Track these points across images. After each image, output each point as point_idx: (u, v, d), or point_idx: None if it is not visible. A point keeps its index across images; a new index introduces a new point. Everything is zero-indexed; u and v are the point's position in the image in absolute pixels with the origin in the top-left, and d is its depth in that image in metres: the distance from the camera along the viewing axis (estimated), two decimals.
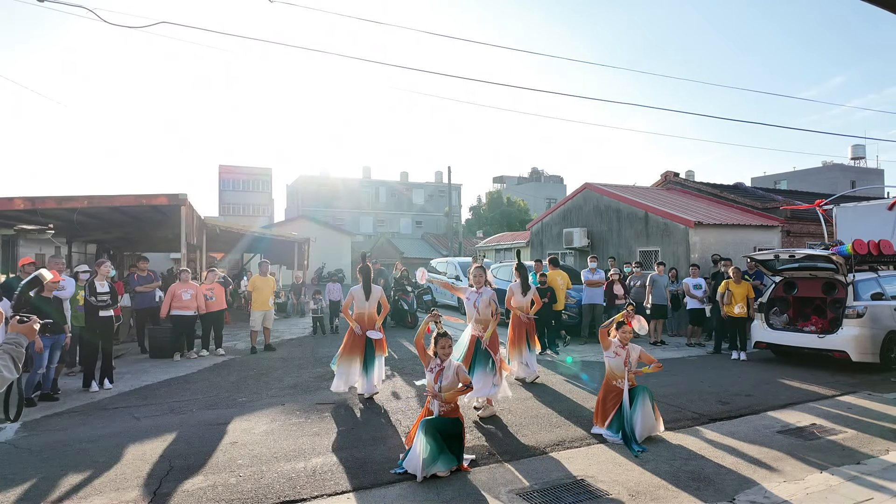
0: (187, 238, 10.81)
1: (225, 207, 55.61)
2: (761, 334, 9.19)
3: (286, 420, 5.77)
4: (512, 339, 7.52)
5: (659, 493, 3.97)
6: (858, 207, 12.10)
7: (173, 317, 9.33)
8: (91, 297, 7.14)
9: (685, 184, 18.66)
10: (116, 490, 4.01)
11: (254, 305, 10.26)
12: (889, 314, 8.25)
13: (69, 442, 5.08)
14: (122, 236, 15.96)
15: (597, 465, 4.52)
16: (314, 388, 7.26)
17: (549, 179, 63.84)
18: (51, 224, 12.91)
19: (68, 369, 8.06)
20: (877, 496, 3.87)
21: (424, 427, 4.26)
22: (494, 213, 46.15)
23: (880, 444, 5.01)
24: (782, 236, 14.43)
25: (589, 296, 11.14)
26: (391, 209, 55.13)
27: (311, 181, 52.26)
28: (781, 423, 5.64)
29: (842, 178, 44.39)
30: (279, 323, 14.42)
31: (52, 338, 6.54)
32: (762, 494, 3.93)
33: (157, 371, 8.37)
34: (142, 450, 4.85)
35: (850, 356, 8.05)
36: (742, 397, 6.71)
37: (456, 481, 4.16)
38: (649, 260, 14.07)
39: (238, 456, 4.70)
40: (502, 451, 4.81)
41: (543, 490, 4.02)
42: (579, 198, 16.88)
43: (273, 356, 9.70)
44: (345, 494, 3.96)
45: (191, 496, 3.92)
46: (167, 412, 6.10)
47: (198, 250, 13.66)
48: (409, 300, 13.43)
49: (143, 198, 10.40)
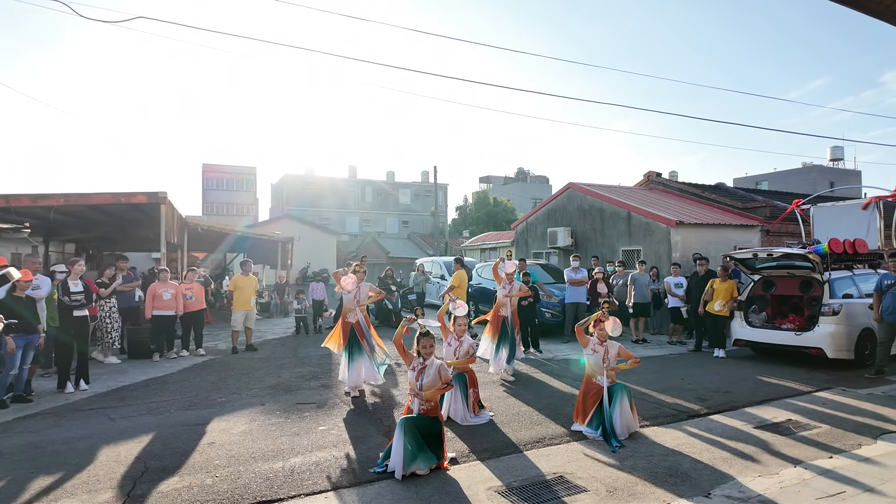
0: (168, 237, 10.65)
1: (208, 207, 54.91)
2: (740, 332, 9.32)
3: (266, 420, 5.71)
4: (492, 332, 7.82)
5: (636, 488, 4.00)
6: (835, 207, 12.34)
7: (153, 316, 9.20)
8: (64, 296, 6.99)
9: (667, 184, 18.85)
10: (89, 492, 3.93)
11: (235, 305, 10.15)
12: (863, 311, 8.41)
13: (41, 444, 4.97)
14: (101, 235, 15.68)
15: (576, 461, 4.54)
16: (295, 388, 7.20)
17: (534, 179, 64.15)
18: (27, 223, 12.64)
19: (43, 370, 7.89)
20: (848, 489, 3.94)
21: (403, 425, 4.25)
22: (481, 212, 46.27)
23: (853, 438, 5.10)
24: (762, 235, 14.64)
25: (572, 294, 11.22)
26: (377, 209, 54.93)
27: (296, 180, 51.86)
28: (758, 419, 5.72)
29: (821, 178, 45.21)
30: (262, 323, 14.29)
31: (24, 338, 6.39)
32: (737, 489, 3.98)
33: (136, 372, 8.23)
34: (116, 451, 4.76)
35: (826, 353, 8.20)
36: (721, 394, 6.79)
37: (435, 479, 4.15)
38: (632, 259, 14.19)
39: (215, 456, 4.63)
40: (482, 449, 4.81)
41: (522, 487, 4.03)
42: (563, 197, 16.97)
43: (255, 356, 9.60)
44: (322, 494, 3.93)
45: (165, 497, 3.86)
46: (144, 413, 6.01)
47: (179, 250, 13.47)
48: (394, 300, 13.40)
49: (122, 196, 10.21)
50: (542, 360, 9.20)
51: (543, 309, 11.32)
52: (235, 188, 56.74)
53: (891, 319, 7.65)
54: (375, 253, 39.79)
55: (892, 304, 7.63)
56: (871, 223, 10.87)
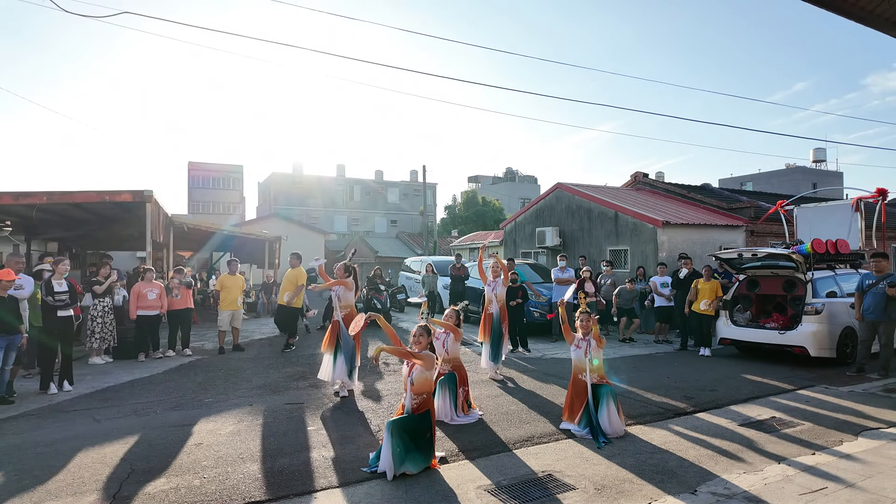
0: (153, 236, 10.52)
1: (194, 205, 54.29)
2: (725, 331, 9.44)
3: (254, 420, 5.68)
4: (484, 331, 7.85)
5: (624, 486, 4.04)
6: (817, 208, 12.53)
7: (138, 316, 9.09)
8: (48, 296, 6.88)
9: (654, 184, 19.04)
10: (73, 494, 3.88)
11: (222, 305, 10.05)
12: (845, 311, 8.57)
13: (24, 446, 4.89)
14: (85, 234, 15.43)
15: (564, 460, 4.58)
16: (283, 388, 7.16)
17: (523, 179, 64.35)
18: (8, 221, 12.42)
19: (25, 371, 7.77)
20: (831, 485, 4.02)
21: (391, 428, 4.24)
22: (469, 212, 46.30)
23: (835, 435, 5.20)
24: (747, 236, 14.85)
25: (559, 294, 11.27)
26: (366, 208, 54.75)
27: (283, 179, 51.50)
28: (743, 417, 5.81)
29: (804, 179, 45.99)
30: (249, 323, 14.18)
31: (6, 338, 6.29)
32: (723, 486, 4.04)
33: (121, 372, 8.13)
34: (102, 453, 4.70)
35: (809, 351, 8.34)
36: (706, 392, 6.88)
37: (425, 479, 4.16)
38: (619, 259, 14.31)
39: (203, 457, 4.60)
40: (472, 448, 4.83)
41: (512, 486, 4.05)
42: (552, 197, 17.06)
43: (242, 356, 9.52)
44: (311, 494, 3.92)
45: (152, 499, 3.82)
46: (130, 414, 5.93)
47: (164, 249, 13.31)
48: (383, 299, 13.37)
49: (107, 194, 10.06)
50: (530, 359, 9.24)
51: (532, 308, 11.37)
52: (222, 186, 56.15)
53: (872, 318, 7.80)
54: (364, 252, 39.63)
55: (872, 303, 7.78)
56: (853, 224, 11.07)
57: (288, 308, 10.06)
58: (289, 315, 10.27)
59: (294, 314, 10.38)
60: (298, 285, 9.99)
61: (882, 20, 4.67)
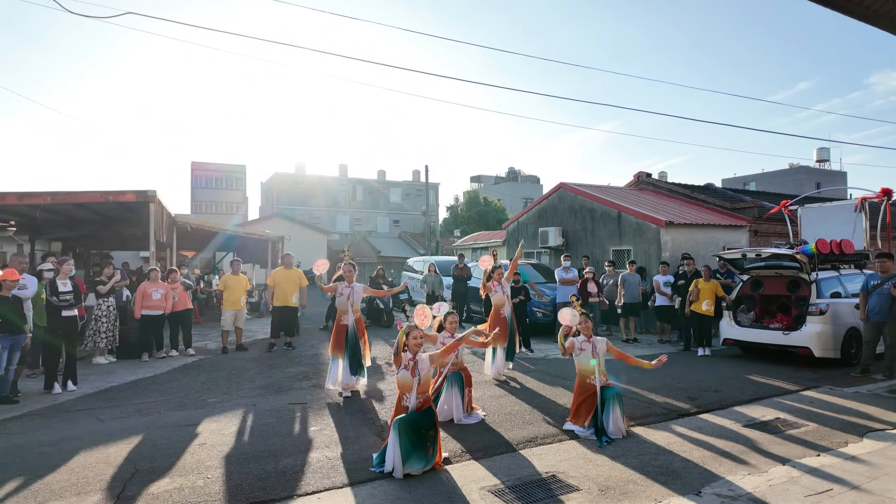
0: (157, 236, 10.53)
1: (197, 205, 54.36)
2: (729, 331, 9.40)
3: (257, 420, 5.68)
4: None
5: (628, 487, 4.03)
6: (822, 208, 12.49)
7: (142, 316, 9.11)
8: (53, 296, 6.90)
9: (657, 184, 18.99)
10: (77, 494, 3.89)
11: (225, 305, 10.07)
12: (850, 311, 8.53)
13: (28, 446, 4.90)
14: (88, 234, 15.46)
15: (568, 460, 4.57)
16: (287, 388, 7.17)
17: (525, 179, 64.24)
18: (12, 221, 12.47)
19: (30, 371, 7.79)
20: (836, 487, 4.00)
21: (397, 426, 4.24)
22: (472, 212, 46.23)
23: (840, 436, 5.17)
24: (750, 236, 14.80)
25: (563, 294, 11.26)
26: (368, 208, 54.75)
27: (286, 179, 51.53)
28: (747, 418, 5.79)
29: (807, 179, 45.79)
30: (252, 322, 14.21)
31: (10, 338, 6.30)
32: (727, 487, 4.02)
33: (124, 372, 8.15)
34: (105, 453, 4.71)
35: (814, 352, 8.31)
36: (710, 393, 6.86)
37: (429, 479, 4.15)
38: (622, 259, 14.27)
39: (207, 458, 4.60)
40: (476, 449, 4.82)
41: (515, 486, 4.05)
42: (554, 197, 17.03)
43: (245, 356, 9.53)
44: (315, 494, 3.92)
45: (156, 499, 3.82)
46: (133, 414, 5.94)
47: (168, 248, 13.33)
48: (385, 299, 13.37)
49: (110, 194, 10.08)
50: (533, 360, 9.23)
51: (535, 308, 11.36)
52: (225, 186, 56.20)
53: (876, 319, 7.76)
54: (366, 252, 39.67)
55: (877, 303, 7.74)
56: (857, 224, 11.03)
57: (289, 308, 10.07)
58: (290, 315, 10.30)
59: (295, 314, 10.46)
60: (302, 287, 10.05)
61: (887, 19, 4.65)
